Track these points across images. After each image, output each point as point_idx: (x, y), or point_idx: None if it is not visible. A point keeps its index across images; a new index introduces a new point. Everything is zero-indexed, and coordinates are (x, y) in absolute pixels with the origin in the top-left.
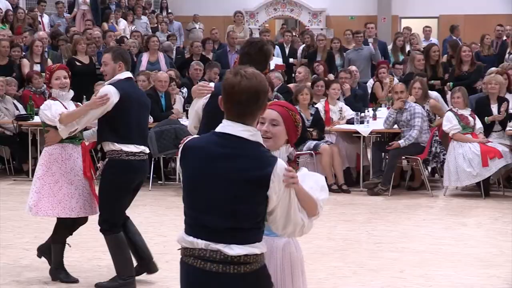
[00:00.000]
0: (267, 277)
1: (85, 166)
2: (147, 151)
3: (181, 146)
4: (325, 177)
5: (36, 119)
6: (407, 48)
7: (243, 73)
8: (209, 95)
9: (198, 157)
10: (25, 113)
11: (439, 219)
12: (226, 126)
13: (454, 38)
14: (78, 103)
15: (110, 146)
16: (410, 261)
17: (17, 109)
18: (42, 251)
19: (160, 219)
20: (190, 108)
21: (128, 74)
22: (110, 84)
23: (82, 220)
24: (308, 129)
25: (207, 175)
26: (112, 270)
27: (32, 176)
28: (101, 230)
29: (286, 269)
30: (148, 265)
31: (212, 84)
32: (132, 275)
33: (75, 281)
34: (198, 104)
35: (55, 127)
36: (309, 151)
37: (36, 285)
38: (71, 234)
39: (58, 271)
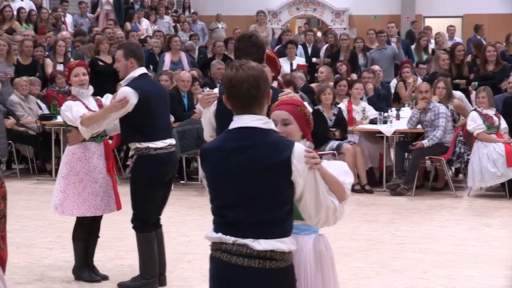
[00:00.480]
0: (292, 278)
1: (108, 164)
2: (174, 142)
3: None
4: None
5: (60, 119)
6: (430, 47)
7: (237, 65)
8: (216, 101)
9: (215, 157)
10: (49, 112)
11: (463, 220)
12: (237, 121)
13: (478, 37)
14: (98, 97)
15: (137, 145)
16: (434, 262)
17: (41, 108)
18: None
19: (182, 219)
20: (203, 119)
21: (142, 70)
22: (126, 85)
23: (100, 217)
24: (330, 129)
25: (226, 172)
26: (135, 270)
27: (55, 175)
28: (133, 227)
29: (316, 267)
30: (159, 277)
31: (216, 90)
32: (155, 275)
33: (98, 280)
34: (209, 113)
35: (77, 127)
36: (331, 151)
37: (59, 284)
38: (98, 235)
39: (81, 270)
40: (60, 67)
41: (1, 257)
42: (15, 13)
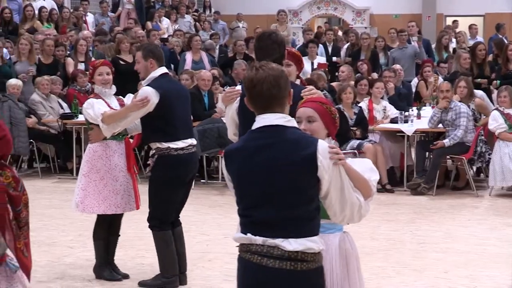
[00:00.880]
0: (322, 279)
1: (129, 162)
2: (195, 142)
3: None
4: None
5: (81, 118)
6: (451, 46)
7: (257, 66)
8: (238, 98)
9: (239, 157)
10: (70, 111)
11: (484, 220)
12: (259, 120)
13: (500, 36)
14: (120, 97)
15: (157, 145)
16: (455, 261)
17: (62, 107)
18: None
19: (202, 218)
20: (226, 117)
21: (162, 70)
22: (147, 85)
23: (121, 216)
24: (351, 128)
25: (250, 171)
26: (156, 269)
27: (77, 174)
28: (149, 226)
29: (342, 266)
30: (180, 276)
31: (238, 87)
32: (175, 273)
33: (119, 279)
34: (232, 111)
35: (99, 125)
36: (352, 150)
37: (80, 282)
38: (118, 234)
39: (102, 269)
40: (81, 66)
41: (25, 264)
42: (36, 12)
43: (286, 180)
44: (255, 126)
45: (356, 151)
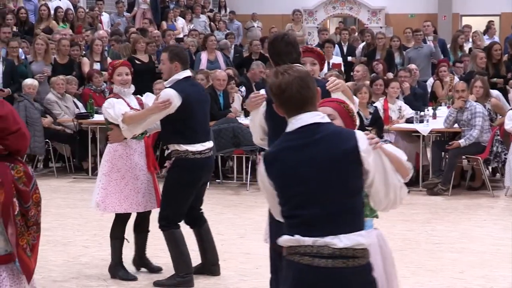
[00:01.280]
0: (373, 275)
1: (149, 161)
2: (211, 145)
3: (259, 162)
4: None
5: (96, 117)
6: (466, 46)
7: (281, 71)
8: (264, 102)
9: (280, 160)
10: (85, 111)
11: (500, 220)
12: (294, 122)
13: None
14: (139, 96)
15: (176, 147)
16: (470, 262)
17: (77, 107)
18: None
19: (218, 217)
20: (251, 122)
21: (186, 73)
22: (170, 87)
23: (149, 213)
24: (366, 128)
25: (295, 171)
26: (171, 268)
27: (92, 174)
28: (160, 226)
29: (379, 263)
30: (212, 267)
31: (263, 91)
32: (189, 272)
33: (134, 278)
34: (259, 116)
35: (118, 126)
36: None
37: (95, 282)
38: (148, 230)
39: (117, 269)
40: (97, 66)
41: (25, 264)
42: (52, 12)
43: (333, 175)
44: (290, 128)
45: None
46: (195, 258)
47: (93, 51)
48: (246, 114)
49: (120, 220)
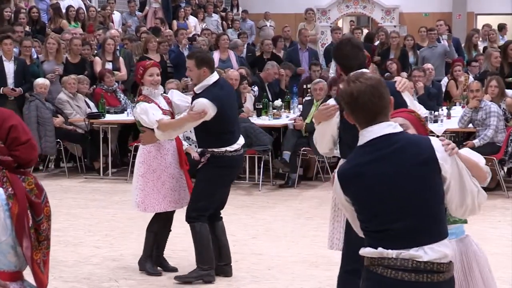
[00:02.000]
0: None
1: (181, 159)
2: (243, 141)
3: (334, 179)
4: None
5: (108, 117)
6: (481, 45)
7: (353, 79)
8: (338, 112)
9: (357, 176)
10: (97, 111)
11: None
12: (366, 134)
13: None
14: (167, 95)
15: (214, 149)
16: None
17: (89, 107)
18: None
19: (229, 218)
20: (320, 133)
21: (215, 77)
22: (202, 94)
23: (174, 211)
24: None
25: (377, 185)
26: (192, 263)
27: (103, 174)
28: (188, 218)
29: (474, 270)
30: (224, 267)
31: (333, 102)
32: (212, 267)
33: (159, 274)
34: (331, 127)
35: (151, 128)
36: None
37: (107, 283)
38: (170, 229)
39: (147, 261)
40: (108, 66)
41: (40, 280)
42: (63, 11)
43: (415, 185)
44: (363, 140)
45: None
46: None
47: (105, 50)
48: (258, 114)
49: (160, 217)
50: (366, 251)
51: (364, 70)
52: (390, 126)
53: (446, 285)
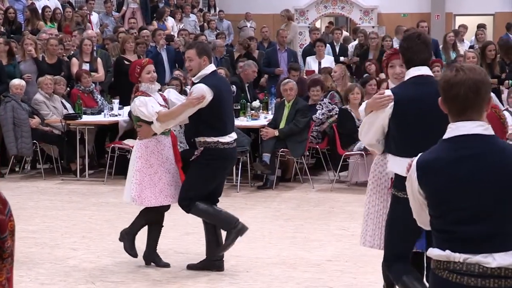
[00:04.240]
0: None
1: (176, 154)
2: (236, 136)
3: (413, 167)
4: None
5: (84, 118)
6: (460, 46)
7: (458, 66)
8: (392, 103)
9: (438, 170)
10: (73, 112)
11: None
12: (455, 129)
13: (510, 36)
14: (163, 93)
15: (206, 139)
16: None
17: (65, 108)
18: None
19: None
20: (368, 122)
21: (212, 67)
22: (201, 82)
23: (168, 207)
24: (358, 129)
25: (458, 184)
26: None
27: (80, 175)
28: (183, 207)
29: None
30: (217, 262)
31: (388, 92)
32: (237, 218)
33: (167, 265)
34: (383, 117)
35: (148, 122)
36: (359, 152)
37: (84, 285)
38: (162, 224)
39: (155, 255)
40: (86, 66)
41: None
42: (39, 11)
43: (497, 193)
44: (449, 134)
45: (363, 152)
46: (200, 255)
47: (83, 51)
48: (236, 115)
49: (152, 211)
50: (434, 253)
51: (425, 67)
52: (480, 127)
53: None
